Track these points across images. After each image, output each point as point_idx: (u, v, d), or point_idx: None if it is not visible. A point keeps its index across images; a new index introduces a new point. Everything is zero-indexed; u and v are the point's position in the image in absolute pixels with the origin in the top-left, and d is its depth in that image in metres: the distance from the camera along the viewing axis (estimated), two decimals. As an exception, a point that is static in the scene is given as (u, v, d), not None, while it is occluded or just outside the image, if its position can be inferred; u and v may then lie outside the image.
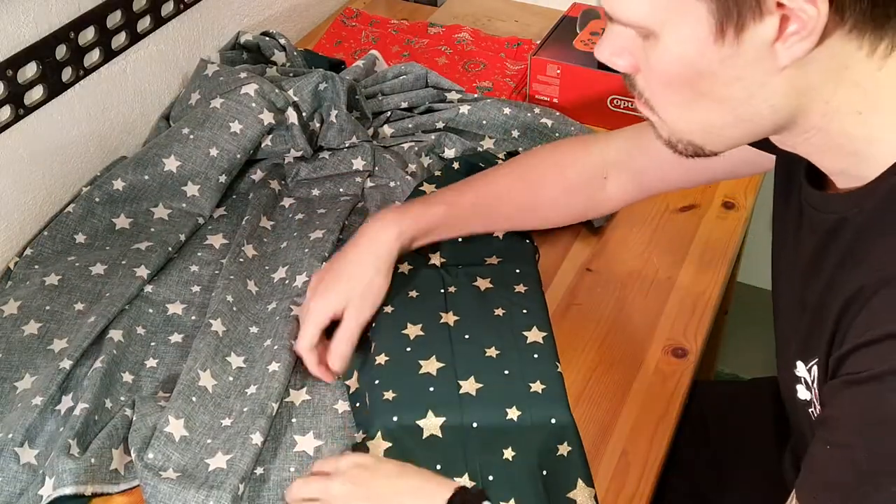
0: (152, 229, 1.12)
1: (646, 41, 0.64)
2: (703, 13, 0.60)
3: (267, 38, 1.37)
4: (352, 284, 0.95)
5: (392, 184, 1.20)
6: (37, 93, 1.08)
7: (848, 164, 0.67)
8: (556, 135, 1.26)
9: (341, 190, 1.20)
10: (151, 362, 0.98)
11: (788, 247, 0.78)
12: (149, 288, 1.05)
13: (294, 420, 0.92)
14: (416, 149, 1.24)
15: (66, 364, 0.93)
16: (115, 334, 0.97)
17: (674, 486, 1.01)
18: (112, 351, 0.95)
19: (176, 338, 1.01)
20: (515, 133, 1.27)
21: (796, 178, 0.75)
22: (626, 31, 0.66)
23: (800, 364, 0.73)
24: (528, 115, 1.27)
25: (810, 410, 0.73)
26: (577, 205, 1.04)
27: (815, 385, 0.71)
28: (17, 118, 1.05)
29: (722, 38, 0.61)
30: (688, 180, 1.01)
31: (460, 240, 1.05)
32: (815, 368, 0.71)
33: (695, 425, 1.05)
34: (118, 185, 1.13)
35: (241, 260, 1.07)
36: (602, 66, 1.28)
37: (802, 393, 0.74)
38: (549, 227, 1.08)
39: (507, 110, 1.27)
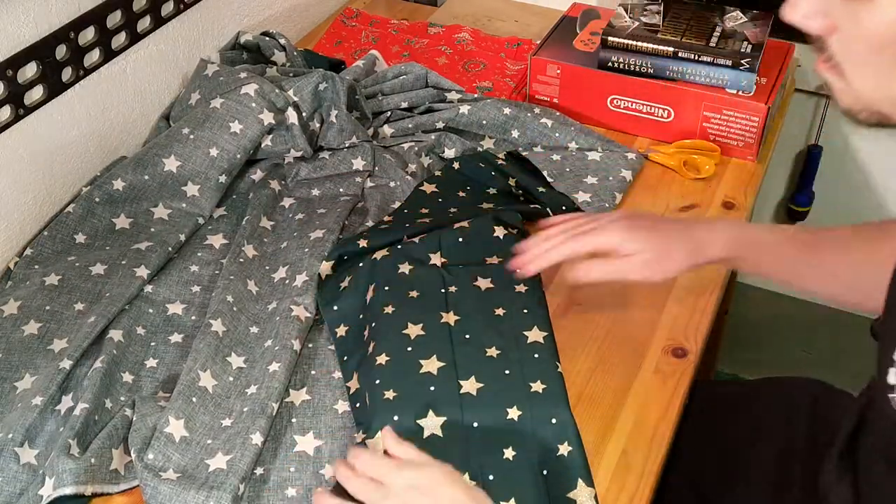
0: (152, 229, 1.12)
1: (851, 1, 0.61)
2: None
3: (267, 38, 1.37)
4: (666, 243, 0.91)
5: (392, 184, 1.20)
6: (37, 93, 1.08)
7: None
8: (556, 134, 1.26)
9: (341, 190, 1.20)
10: (151, 362, 0.98)
11: None
12: (149, 288, 1.05)
13: (294, 420, 0.92)
14: (416, 149, 1.24)
15: (66, 364, 0.93)
16: (115, 334, 0.97)
17: (674, 486, 1.01)
18: (112, 351, 0.95)
19: (176, 338, 1.01)
20: (515, 133, 1.27)
21: None
22: None
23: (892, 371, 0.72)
24: (528, 115, 1.27)
25: (891, 395, 0.72)
26: None
27: None
28: (17, 118, 1.05)
29: None
30: None
31: (460, 239, 1.05)
32: None
33: (695, 425, 1.05)
34: (118, 185, 1.13)
35: (242, 260, 1.07)
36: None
37: (891, 378, 0.73)
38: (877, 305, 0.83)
39: (506, 110, 1.27)
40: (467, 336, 0.95)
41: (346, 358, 0.97)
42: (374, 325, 0.97)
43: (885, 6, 0.60)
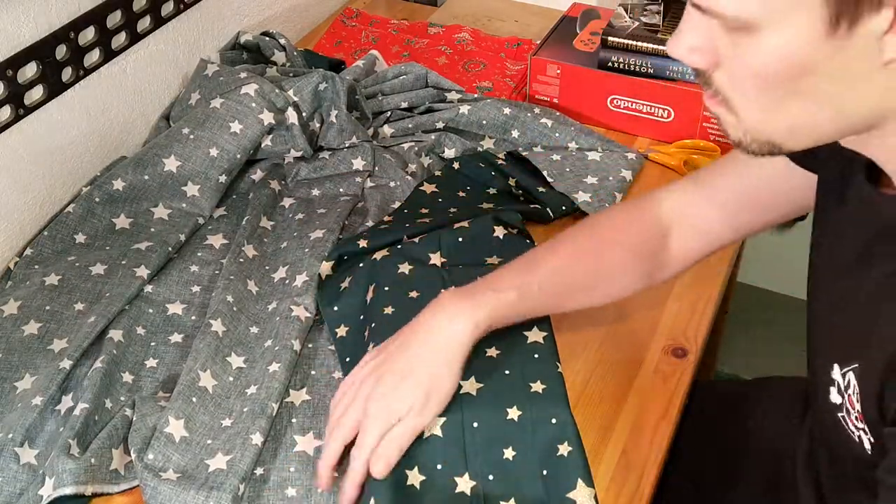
0: (152, 229, 1.12)
1: (735, 34, 0.61)
2: (816, 4, 0.57)
3: (267, 38, 1.37)
4: (418, 386, 0.83)
5: (392, 184, 1.20)
6: (37, 93, 1.08)
7: None
8: (556, 134, 1.26)
9: (341, 190, 1.20)
10: (151, 362, 0.98)
11: (833, 245, 0.77)
12: (149, 288, 1.05)
13: (294, 420, 0.92)
14: (416, 149, 1.24)
15: (66, 364, 0.93)
16: (115, 334, 0.97)
17: (674, 486, 1.01)
18: (112, 351, 0.95)
19: (176, 338, 1.01)
20: (515, 133, 1.27)
21: (850, 177, 0.73)
22: (711, 24, 0.62)
23: (836, 367, 0.72)
24: (528, 115, 1.27)
25: (840, 415, 0.72)
26: (642, 268, 0.95)
27: (848, 391, 0.70)
28: (17, 118, 1.05)
29: (834, 31, 0.57)
30: (743, 226, 0.94)
31: (460, 239, 1.05)
32: (851, 375, 0.70)
33: (695, 425, 1.05)
34: (118, 185, 1.13)
35: (242, 260, 1.07)
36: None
37: (834, 396, 0.73)
38: (617, 296, 0.96)
39: (506, 110, 1.27)
40: None
41: (347, 359, 0.97)
42: (374, 325, 0.97)
43: (768, 38, 0.59)
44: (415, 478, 0.84)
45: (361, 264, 1.04)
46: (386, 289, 1.00)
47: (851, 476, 0.77)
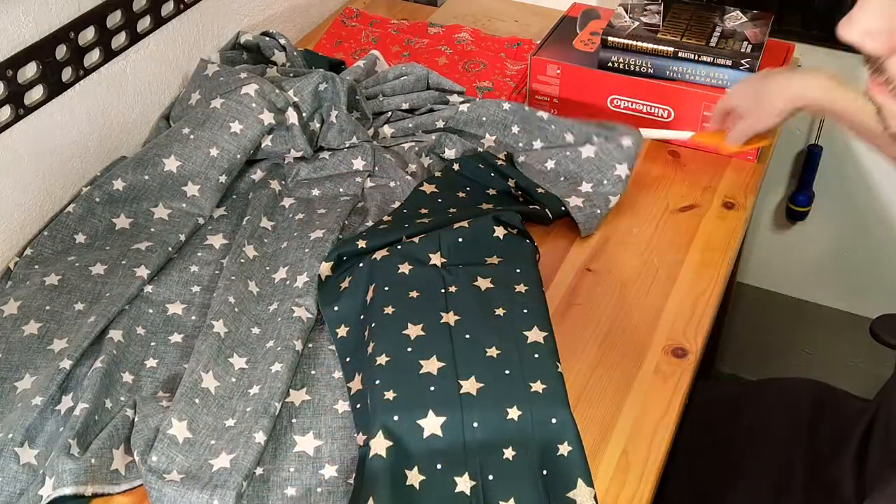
0: (152, 229, 1.12)
1: None
2: None
3: (267, 38, 1.37)
4: (764, 87, 1.09)
5: (392, 184, 1.20)
6: (37, 93, 1.08)
7: None
8: (553, 127, 1.26)
9: (341, 190, 1.20)
10: (151, 362, 0.98)
11: None
12: (149, 288, 1.05)
13: (294, 420, 0.92)
14: (416, 149, 1.24)
15: (66, 364, 0.93)
16: (115, 334, 0.97)
17: (674, 486, 1.01)
18: (112, 351, 0.95)
19: (176, 338, 1.01)
20: (515, 129, 1.27)
21: None
22: (891, 5, 0.58)
23: None
24: (527, 108, 1.27)
25: None
26: None
27: None
28: (17, 118, 1.05)
29: None
30: None
31: (460, 239, 1.05)
32: None
33: (695, 425, 1.05)
34: (118, 185, 1.13)
35: (242, 260, 1.07)
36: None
37: None
38: None
39: (506, 106, 1.27)
40: (467, 336, 0.95)
41: (348, 359, 0.97)
42: (373, 325, 0.97)
43: None
44: (414, 478, 0.84)
45: (361, 264, 1.04)
46: (386, 289, 1.00)
47: None
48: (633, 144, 1.22)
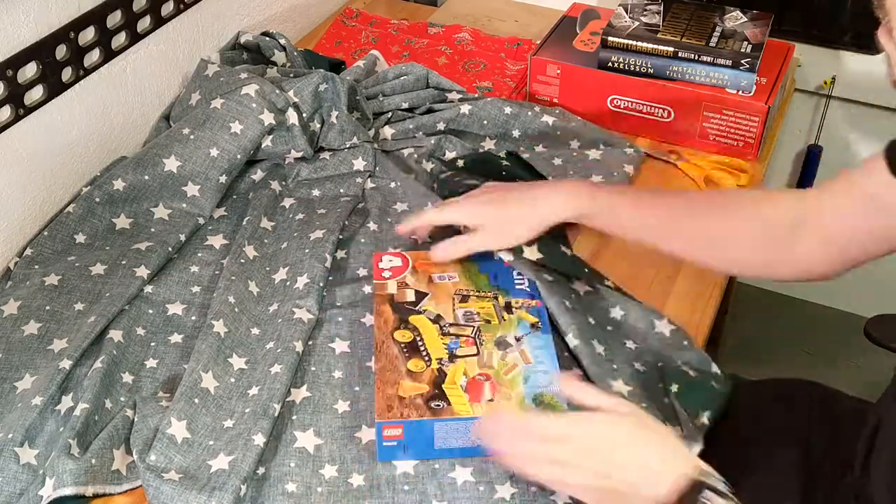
0: (152, 229, 1.12)
1: None
2: None
3: (267, 38, 1.37)
4: (505, 214, 0.98)
5: (393, 184, 1.20)
6: (37, 93, 1.08)
7: None
8: (557, 132, 1.26)
9: (342, 190, 1.20)
10: (151, 363, 0.98)
11: None
12: (149, 288, 1.05)
13: (294, 417, 0.92)
14: (416, 156, 1.24)
15: (66, 364, 0.93)
16: (115, 334, 0.97)
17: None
18: (112, 351, 0.95)
19: (176, 338, 1.01)
20: (516, 133, 1.27)
21: None
22: None
23: None
24: (529, 113, 1.27)
25: None
26: (764, 250, 0.94)
27: None
28: (17, 118, 1.05)
29: None
30: (883, 249, 0.90)
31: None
32: None
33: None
34: (118, 185, 1.13)
35: (243, 261, 1.07)
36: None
37: None
38: (728, 268, 1.02)
39: (507, 109, 1.27)
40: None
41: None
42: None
43: None
44: None
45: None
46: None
47: None
48: (635, 152, 1.23)
